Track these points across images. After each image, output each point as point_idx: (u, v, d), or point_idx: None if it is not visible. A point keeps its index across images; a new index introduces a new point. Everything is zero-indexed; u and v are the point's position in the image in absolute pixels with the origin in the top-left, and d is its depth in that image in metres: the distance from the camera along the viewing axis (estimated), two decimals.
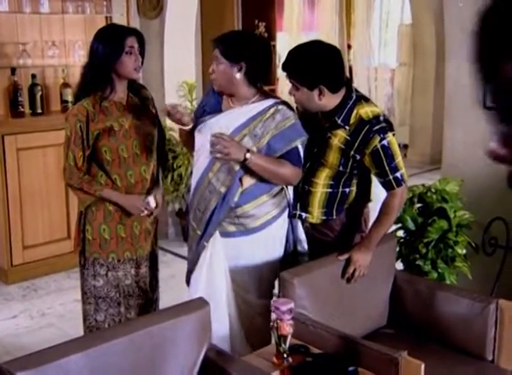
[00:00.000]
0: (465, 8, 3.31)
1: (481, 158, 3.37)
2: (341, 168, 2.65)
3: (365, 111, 2.59)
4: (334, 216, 2.75)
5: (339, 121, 2.60)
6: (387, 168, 2.56)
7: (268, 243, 2.75)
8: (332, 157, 2.65)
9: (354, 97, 2.62)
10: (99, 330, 2.63)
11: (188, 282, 2.83)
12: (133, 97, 2.89)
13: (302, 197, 2.76)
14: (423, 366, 2.15)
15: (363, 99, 2.64)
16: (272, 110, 2.63)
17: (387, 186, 2.61)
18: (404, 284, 2.89)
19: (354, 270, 2.67)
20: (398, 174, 2.58)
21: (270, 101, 2.67)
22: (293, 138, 2.63)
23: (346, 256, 2.66)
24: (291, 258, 2.82)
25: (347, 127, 2.59)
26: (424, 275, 3.04)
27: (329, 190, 2.71)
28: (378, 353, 2.24)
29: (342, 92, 2.62)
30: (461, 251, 3.05)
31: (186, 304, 2.32)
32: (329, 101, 2.59)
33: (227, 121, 2.64)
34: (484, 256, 3.25)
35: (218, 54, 2.59)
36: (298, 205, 2.79)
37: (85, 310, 2.92)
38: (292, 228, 2.81)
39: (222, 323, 2.69)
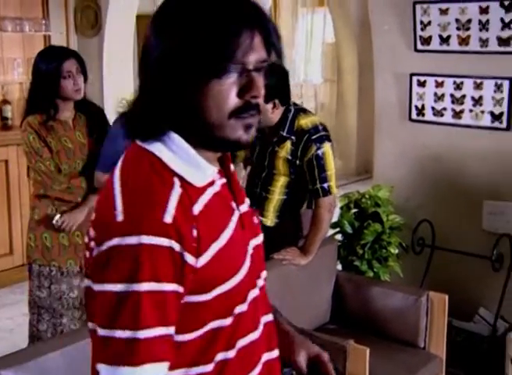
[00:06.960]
0: (390, 30, 3.64)
1: (409, 167, 3.72)
2: (293, 176, 2.87)
3: (305, 122, 2.82)
4: (287, 219, 2.95)
5: (284, 134, 2.82)
6: (317, 177, 2.79)
7: None
8: (282, 168, 2.87)
9: (293, 109, 2.84)
10: (74, 330, 2.74)
11: None
12: (81, 115, 2.99)
13: (259, 201, 2.96)
14: (368, 351, 2.40)
15: (301, 111, 2.86)
16: None
17: (314, 194, 2.84)
18: (345, 283, 3.14)
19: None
20: (325, 185, 2.80)
21: None
22: None
23: (280, 257, 2.83)
24: None
25: (293, 137, 2.81)
26: (361, 274, 3.31)
27: (284, 197, 2.92)
28: (327, 342, 2.45)
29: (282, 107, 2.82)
30: (394, 251, 3.35)
31: None
32: (277, 115, 2.80)
33: None
34: (413, 255, 3.55)
35: None
36: (253, 208, 2.99)
37: (30, 319, 3.03)
38: None
39: None
